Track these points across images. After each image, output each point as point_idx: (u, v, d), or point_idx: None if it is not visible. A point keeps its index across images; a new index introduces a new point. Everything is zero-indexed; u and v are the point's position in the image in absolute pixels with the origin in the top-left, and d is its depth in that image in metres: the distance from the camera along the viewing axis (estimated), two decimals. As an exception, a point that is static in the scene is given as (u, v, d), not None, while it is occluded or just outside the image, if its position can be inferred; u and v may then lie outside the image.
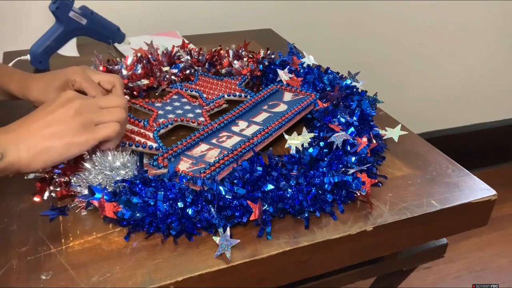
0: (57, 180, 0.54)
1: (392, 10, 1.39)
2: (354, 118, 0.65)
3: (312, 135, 0.63)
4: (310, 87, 0.77)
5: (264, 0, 1.23)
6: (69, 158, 0.52)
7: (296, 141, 0.63)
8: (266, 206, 0.52)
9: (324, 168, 0.56)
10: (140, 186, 0.51)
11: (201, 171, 0.55)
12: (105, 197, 0.50)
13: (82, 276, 0.45)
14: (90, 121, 0.52)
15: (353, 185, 0.55)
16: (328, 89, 0.75)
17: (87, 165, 0.53)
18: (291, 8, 1.28)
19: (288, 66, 0.81)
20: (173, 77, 0.82)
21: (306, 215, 0.53)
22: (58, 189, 0.54)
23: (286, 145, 0.63)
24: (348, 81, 0.75)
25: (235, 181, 0.53)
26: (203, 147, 0.62)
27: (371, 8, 1.36)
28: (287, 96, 0.76)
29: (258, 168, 0.54)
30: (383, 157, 0.65)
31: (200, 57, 0.85)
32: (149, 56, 0.82)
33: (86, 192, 0.51)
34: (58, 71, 0.66)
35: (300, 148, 0.62)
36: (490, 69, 1.66)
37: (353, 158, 0.58)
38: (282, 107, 0.72)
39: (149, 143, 0.63)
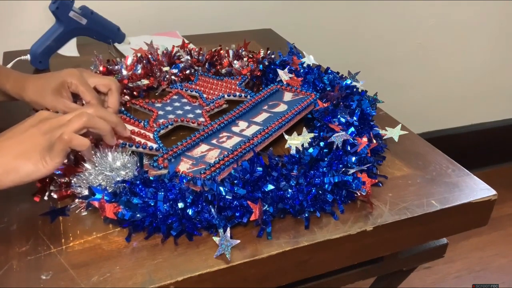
0: (57, 180, 0.54)
1: (392, 10, 1.39)
2: (354, 118, 0.65)
3: (312, 135, 0.63)
4: (310, 87, 0.77)
5: (264, 0, 1.23)
6: (39, 178, 0.50)
7: (296, 141, 0.63)
8: (266, 207, 0.52)
9: (324, 168, 0.56)
10: (140, 186, 0.51)
11: (201, 172, 0.55)
12: (105, 197, 0.50)
13: (82, 276, 0.45)
14: (51, 140, 0.50)
15: (353, 185, 0.55)
16: (328, 89, 0.75)
17: (88, 165, 0.53)
18: (291, 8, 1.28)
19: (288, 66, 0.81)
20: (173, 77, 0.82)
21: (306, 215, 0.53)
22: (58, 189, 0.54)
23: (286, 145, 0.63)
24: (348, 81, 0.75)
25: (235, 181, 0.53)
26: (203, 147, 0.62)
27: (371, 8, 1.36)
28: (287, 96, 0.76)
29: (258, 168, 0.54)
30: (383, 157, 0.65)
31: (200, 57, 0.85)
32: (149, 56, 0.82)
33: (86, 192, 0.51)
34: (54, 72, 0.66)
35: (300, 148, 0.62)
36: (490, 69, 1.66)
37: (353, 158, 0.58)
38: (282, 107, 0.72)
39: (149, 144, 0.63)
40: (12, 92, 0.67)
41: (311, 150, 0.58)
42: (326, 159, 0.58)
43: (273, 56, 0.86)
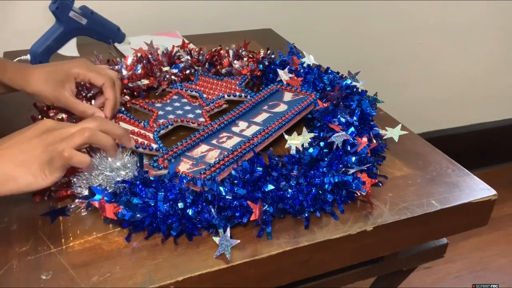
0: (57, 180, 0.54)
1: (392, 10, 1.39)
2: (354, 118, 0.65)
3: (312, 135, 0.63)
4: (310, 87, 0.77)
5: (264, 0, 1.23)
6: (37, 189, 0.50)
7: (296, 141, 0.63)
8: (266, 207, 0.52)
9: (324, 168, 0.56)
10: (140, 187, 0.51)
11: (201, 172, 0.55)
12: (105, 198, 0.50)
13: (82, 276, 0.45)
14: (52, 154, 0.49)
15: (353, 185, 0.55)
16: (328, 89, 0.75)
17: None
18: (291, 8, 1.28)
19: (288, 66, 0.81)
20: (173, 77, 0.82)
21: (306, 215, 0.53)
22: (58, 189, 0.54)
23: (286, 145, 0.63)
24: (348, 81, 0.75)
25: (235, 181, 0.53)
26: (203, 147, 0.62)
27: (371, 8, 1.36)
28: (287, 96, 0.76)
29: (258, 168, 0.54)
30: (383, 157, 0.65)
31: (200, 57, 0.85)
32: (149, 56, 0.82)
33: (86, 192, 0.51)
34: (58, 64, 0.66)
35: (300, 148, 0.62)
36: (490, 69, 1.66)
37: (353, 158, 0.58)
38: (282, 107, 0.72)
39: (150, 144, 0.63)
40: (12, 83, 0.66)
41: (311, 150, 0.58)
42: (326, 159, 0.58)
43: (273, 56, 0.86)
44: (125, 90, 0.77)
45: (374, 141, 0.64)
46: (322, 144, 0.60)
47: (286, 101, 0.75)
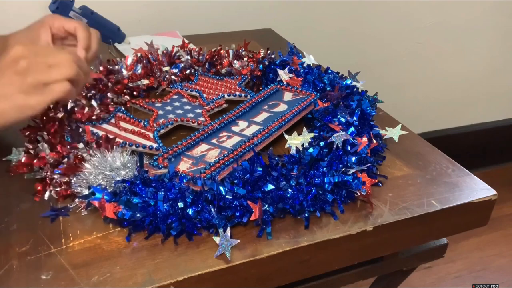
0: (57, 180, 0.54)
1: (392, 10, 1.39)
2: (354, 118, 0.65)
3: (312, 135, 0.63)
4: (310, 87, 0.77)
5: (264, 0, 1.23)
6: (23, 121, 0.50)
7: (296, 141, 0.63)
8: (266, 206, 0.52)
9: (324, 168, 0.56)
10: (140, 186, 0.51)
11: (201, 171, 0.55)
12: (105, 197, 0.50)
13: (82, 276, 0.45)
14: (38, 82, 0.49)
15: (353, 185, 0.55)
16: (328, 89, 0.75)
17: (88, 165, 0.53)
18: (291, 8, 1.28)
19: (288, 66, 0.81)
20: (173, 77, 0.82)
21: (306, 215, 0.53)
22: (58, 189, 0.54)
23: (286, 145, 0.63)
24: (348, 81, 0.75)
25: (235, 181, 0.53)
26: (203, 147, 0.62)
27: (371, 8, 1.36)
28: (287, 96, 0.76)
29: (258, 168, 0.54)
30: (383, 157, 0.65)
31: (200, 57, 0.85)
32: (149, 56, 0.82)
33: (86, 192, 0.51)
34: (32, 24, 0.67)
35: (300, 148, 0.62)
36: (490, 69, 1.66)
37: (353, 158, 0.58)
38: (282, 107, 0.72)
39: (149, 143, 0.63)
40: None
41: (311, 150, 0.58)
42: (326, 159, 0.58)
43: (273, 56, 0.86)
44: (125, 90, 0.77)
45: (374, 141, 0.64)
46: (322, 144, 0.60)
47: (286, 101, 0.75)
